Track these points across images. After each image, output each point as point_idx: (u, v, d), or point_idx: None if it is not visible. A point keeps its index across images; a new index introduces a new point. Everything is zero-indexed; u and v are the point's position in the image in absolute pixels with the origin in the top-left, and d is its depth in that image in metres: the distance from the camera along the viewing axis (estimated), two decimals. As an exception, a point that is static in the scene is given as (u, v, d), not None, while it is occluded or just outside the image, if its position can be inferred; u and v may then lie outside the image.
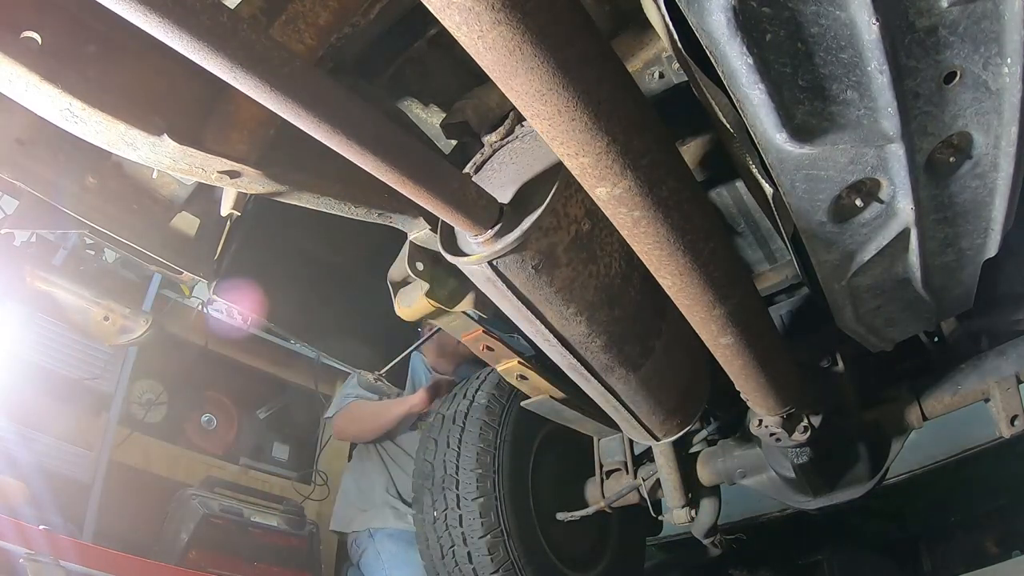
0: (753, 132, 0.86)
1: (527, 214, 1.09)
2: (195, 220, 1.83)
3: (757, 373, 1.36)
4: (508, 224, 1.09)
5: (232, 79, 0.73)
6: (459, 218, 1.06)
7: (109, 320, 2.08)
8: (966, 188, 0.99)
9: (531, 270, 1.12)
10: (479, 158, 1.28)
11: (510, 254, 1.09)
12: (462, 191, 1.04)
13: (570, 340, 1.31)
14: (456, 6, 0.64)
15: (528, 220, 1.08)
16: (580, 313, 1.23)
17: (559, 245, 1.13)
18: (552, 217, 1.10)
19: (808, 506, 2.14)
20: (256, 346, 5.04)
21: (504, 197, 1.15)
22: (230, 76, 0.73)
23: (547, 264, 1.12)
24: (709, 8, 0.72)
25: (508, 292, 1.17)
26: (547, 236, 1.10)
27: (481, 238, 1.11)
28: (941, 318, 1.53)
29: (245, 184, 1.27)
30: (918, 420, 1.91)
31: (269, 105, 0.77)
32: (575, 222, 1.14)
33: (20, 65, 0.95)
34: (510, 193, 1.15)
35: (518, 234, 1.07)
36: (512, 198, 1.14)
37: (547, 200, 1.09)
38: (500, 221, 1.10)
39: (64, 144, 1.43)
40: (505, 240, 1.08)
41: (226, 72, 0.72)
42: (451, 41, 0.71)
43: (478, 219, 1.08)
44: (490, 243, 1.10)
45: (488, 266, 1.12)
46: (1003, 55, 0.77)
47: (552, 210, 1.09)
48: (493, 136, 1.27)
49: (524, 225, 1.07)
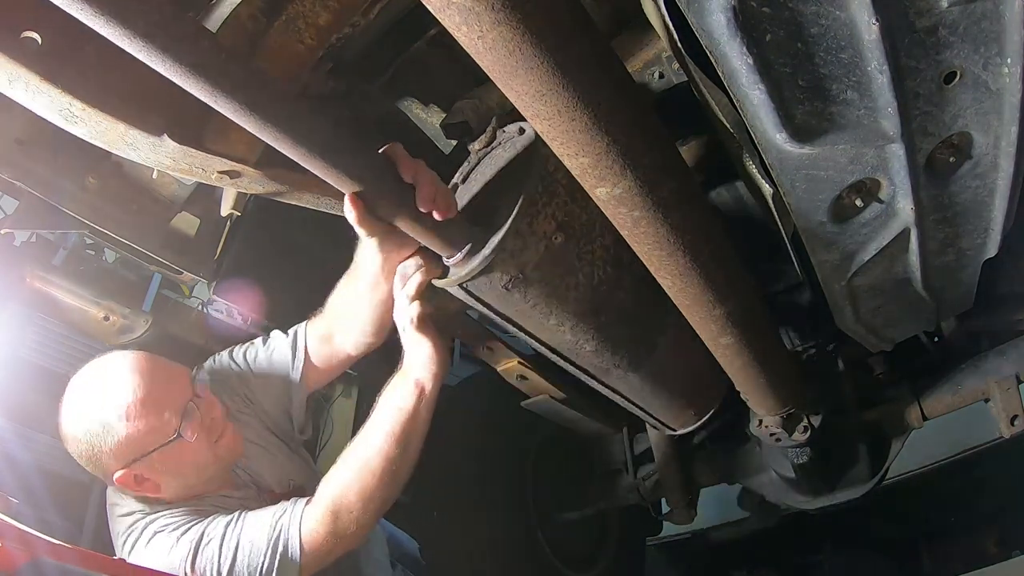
0: (753, 132, 0.85)
1: (493, 234, 1.08)
2: (195, 220, 1.83)
3: (757, 373, 1.36)
4: (476, 246, 1.10)
5: (213, 103, 0.76)
6: (435, 241, 1.09)
7: (109, 320, 2.08)
8: (966, 188, 0.99)
9: (502, 289, 1.12)
10: (466, 167, 1.26)
11: (479, 277, 1.09)
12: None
13: (558, 348, 1.31)
14: (456, 6, 0.64)
15: (490, 244, 1.07)
16: (563, 323, 1.22)
17: (528, 264, 1.11)
18: (517, 239, 1.08)
19: (808, 506, 2.14)
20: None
21: (482, 211, 1.14)
22: (211, 100, 0.75)
23: (518, 282, 1.12)
24: (709, 8, 0.72)
25: (486, 309, 1.18)
26: (514, 257, 1.09)
27: (452, 261, 1.12)
28: (941, 318, 1.53)
29: (245, 184, 1.27)
30: (918, 420, 1.91)
31: (249, 128, 0.81)
32: (544, 238, 1.11)
33: (20, 65, 0.95)
34: (483, 207, 1.15)
35: (480, 260, 1.07)
36: (484, 215, 1.13)
37: (508, 222, 1.06)
38: (471, 242, 1.10)
39: (64, 144, 1.43)
40: (471, 264, 1.08)
41: (207, 96, 0.75)
42: (451, 41, 0.71)
43: (451, 242, 1.10)
44: (460, 266, 1.11)
45: (460, 288, 1.13)
46: (1003, 55, 0.77)
47: (515, 231, 1.07)
48: (477, 144, 1.25)
49: (485, 251, 1.07)
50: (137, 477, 1.39)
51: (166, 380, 1.43)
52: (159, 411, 1.37)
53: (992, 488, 2.82)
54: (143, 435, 1.36)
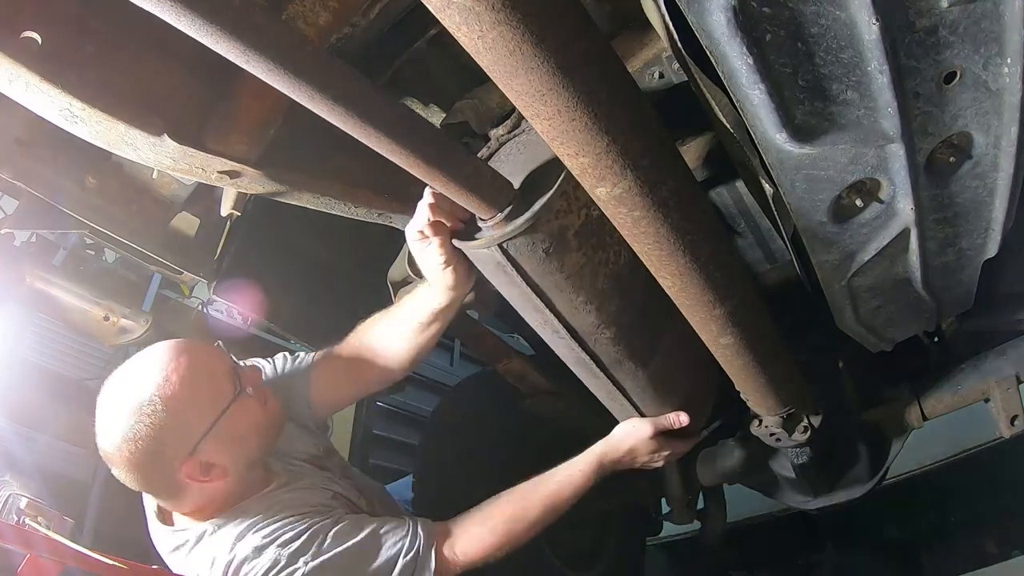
0: (753, 132, 0.85)
1: (538, 197, 1.08)
2: (195, 220, 1.83)
3: (757, 373, 1.36)
4: (519, 207, 1.09)
5: (245, 63, 0.73)
6: (472, 200, 1.06)
7: (109, 320, 2.08)
8: (966, 188, 0.99)
9: (542, 254, 1.11)
10: (485, 152, 1.27)
11: (521, 236, 1.08)
12: (476, 174, 1.04)
13: (579, 331, 1.30)
14: (456, 6, 0.64)
15: (540, 201, 1.07)
16: (590, 302, 1.22)
17: (570, 229, 1.12)
18: (563, 200, 1.09)
19: (808, 506, 2.14)
20: (256, 346, 5.04)
21: (523, 184, 1.14)
22: (243, 60, 0.72)
23: (558, 248, 1.12)
24: (709, 8, 0.72)
25: (517, 278, 1.16)
26: (558, 218, 1.10)
27: (492, 221, 1.11)
28: (941, 318, 1.52)
29: (245, 184, 1.27)
30: (918, 420, 1.91)
31: (283, 89, 0.77)
32: (585, 206, 1.13)
33: (20, 65, 0.95)
34: (518, 182, 1.15)
35: (529, 215, 1.06)
36: (521, 185, 1.14)
37: (558, 182, 1.08)
38: (512, 204, 1.09)
39: (64, 144, 1.43)
40: (516, 222, 1.07)
41: (239, 56, 0.72)
42: (451, 41, 0.71)
43: (491, 201, 1.08)
44: (501, 225, 1.10)
45: (498, 249, 1.11)
46: (1003, 55, 0.77)
47: (563, 192, 1.09)
48: (500, 130, 1.26)
49: (536, 206, 1.07)
50: (203, 465, 1.29)
51: (207, 349, 1.37)
52: (212, 375, 1.32)
53: (992, 488, 2.83)
54: (207, 401, 1.29)
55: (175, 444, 1.27)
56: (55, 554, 1.00)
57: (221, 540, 1.32)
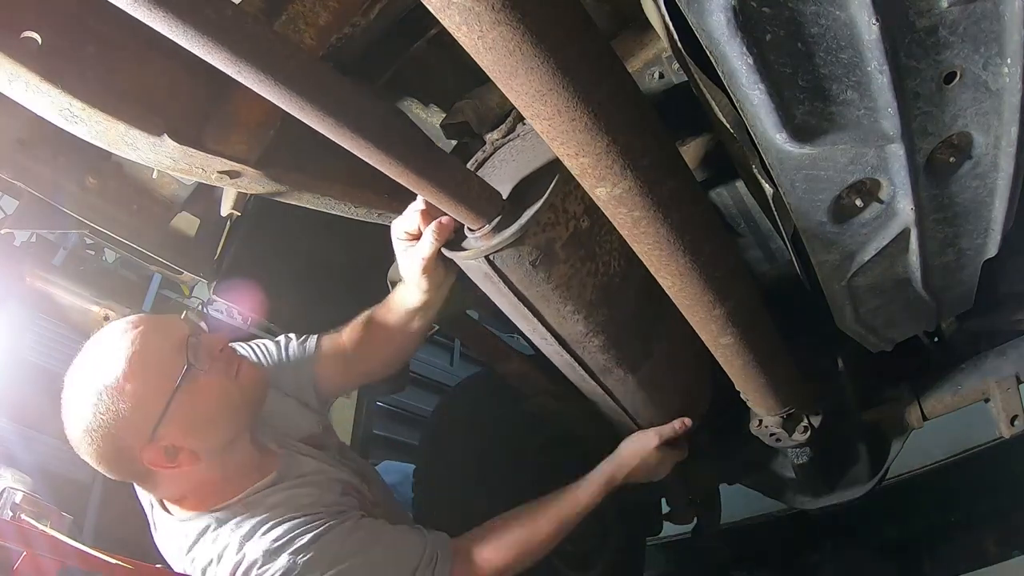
0: (753, 132, 0.85)
1: (525, 209, 1.08)
2: (195, 220, 1.83)
3: (757, 373, 1.36)
4: (507, 219, 1.09)
5: (236, 73, 0.73)
6: (461, 211, 1.06)
7: (109, 320, 2.08)
8: (966, 188, 0.99)
9: (528, 266, 1.12)
10: (480, 156, 1.28)
11: (507, 248, 1.09)
12: (465, 185, 1.04)
13: (567, 339, 1.30)
14: (456, 6, 0.64)
15: (526, 214, 1.07)
16: (578, 312, 1.23)
17: (557, 241, 1.12)
18: (550, 212, 1.09)
19: (808, 506, 2.13)
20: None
21: (504, 194, 1.14)
22: (234, 71, 0.73)
23: (545, 260, 1.12)
24: (709, 8, 0.72)
25: (504, 288, 1.16)
26: (545, 231, 1.10)
27: (479, 232, 1.11)
28: (941, 318, 1.53)
29: (245, 184, 1.27)
30: (918, 420, 1.91)
31: (273, 99, 0.77)
32: (574, 218, 1.13)
33: (20, 65, 0.95)
34: (508, 190, 1.15)
35: (516, 228, 1.07)
36: (510, 194, 1.14)
37: (545, 195, 1.08)
38: (500, 215, 1.09)
39: (64, 144, 1.43)
40: (503, 234, 1.07)
41: (230, 66, 0.72)
42: (451, 41, 0.71)
43: (480, 212, 1.08)
44: (488, 237, 1.10)
45: (485, 261, 1.11)
46: (1003, 55, 0.77)
47: (550, 205, 1.09)
48: (495, 134, 1.27)
49: (522, 219, 1.07)
50: (167, 449, 1.23)
51: (155, 325, 1.29)
52: (159, 352, 1.23)
53: (992, 488, 2.82)
54: (155, 383, 1.21)
55: (130, 434, 1.21)
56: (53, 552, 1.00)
57: (227, 537, 1.28)
